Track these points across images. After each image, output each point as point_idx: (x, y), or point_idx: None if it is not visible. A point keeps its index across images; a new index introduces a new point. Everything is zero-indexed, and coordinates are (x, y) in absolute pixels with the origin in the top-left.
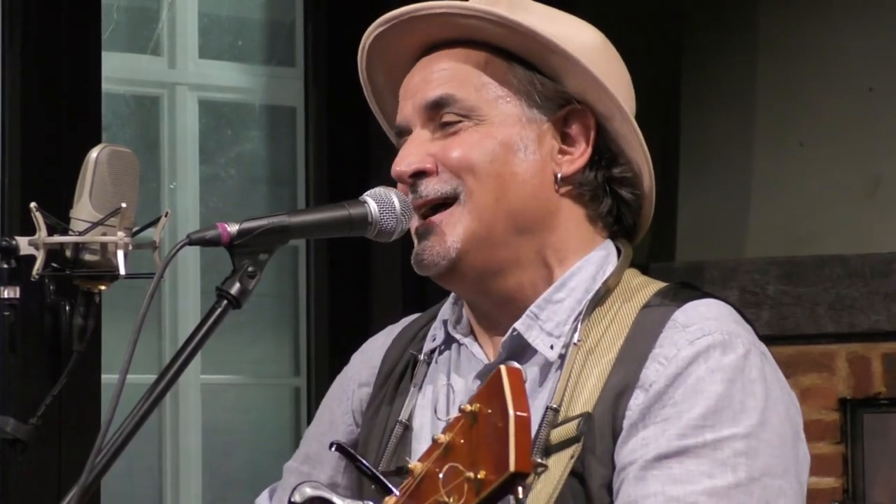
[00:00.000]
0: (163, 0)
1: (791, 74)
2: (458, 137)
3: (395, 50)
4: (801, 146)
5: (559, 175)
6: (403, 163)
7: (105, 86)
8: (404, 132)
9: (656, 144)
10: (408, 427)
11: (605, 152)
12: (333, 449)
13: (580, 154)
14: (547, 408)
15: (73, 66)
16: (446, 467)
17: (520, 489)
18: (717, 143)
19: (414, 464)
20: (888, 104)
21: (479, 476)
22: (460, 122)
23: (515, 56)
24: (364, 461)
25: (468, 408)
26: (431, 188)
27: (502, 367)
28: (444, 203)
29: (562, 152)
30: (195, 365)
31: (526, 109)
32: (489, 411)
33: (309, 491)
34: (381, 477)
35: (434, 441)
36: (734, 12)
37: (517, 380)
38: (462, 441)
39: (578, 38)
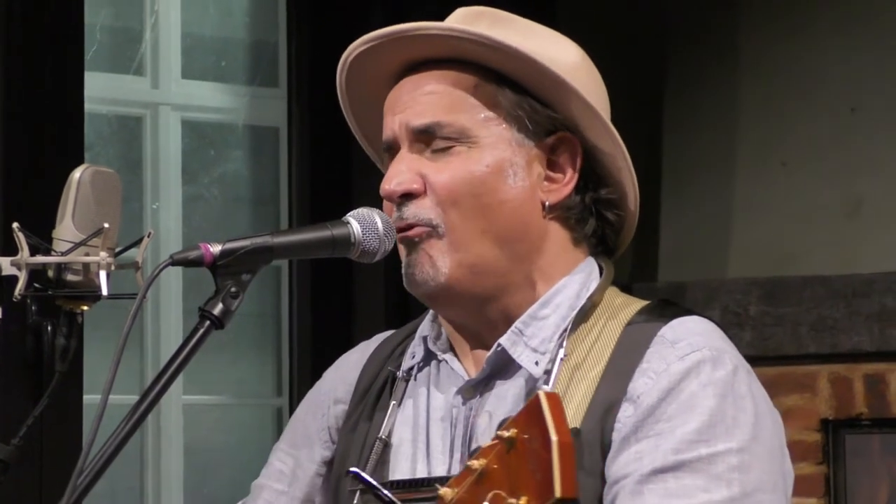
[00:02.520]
0: (146, 20)
1: (773, 95)
2: (449, 162)
3: (378, 65)
4: (783, 166)
5: (547, 204)
6: (393, 182)
7: (88, 106)
8: (393, 147)
9: (638, 165)
10: (387, 444)
11: (591, 175)
12: (347, 475)
13: (566, 182)
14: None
15: (56, 86)
16: (490, 494)
17: None
18: (699, 164)
19: (443, 490)
20: (870, 125)
21: (520, 502)
22: (451, 146)
23: (505, 78)
24: (384, 490)
25: (504, 434)
26: (412, 213)
27: (541, 393)
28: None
29: (549, 180)
30: (177, 385)
31: (515, 133)
32: (526, 436)
33: None
34: None
35: (466, 467)
36: (716, 32)
37: (557, 404)
38: (497, 467)
39: (563, 56)
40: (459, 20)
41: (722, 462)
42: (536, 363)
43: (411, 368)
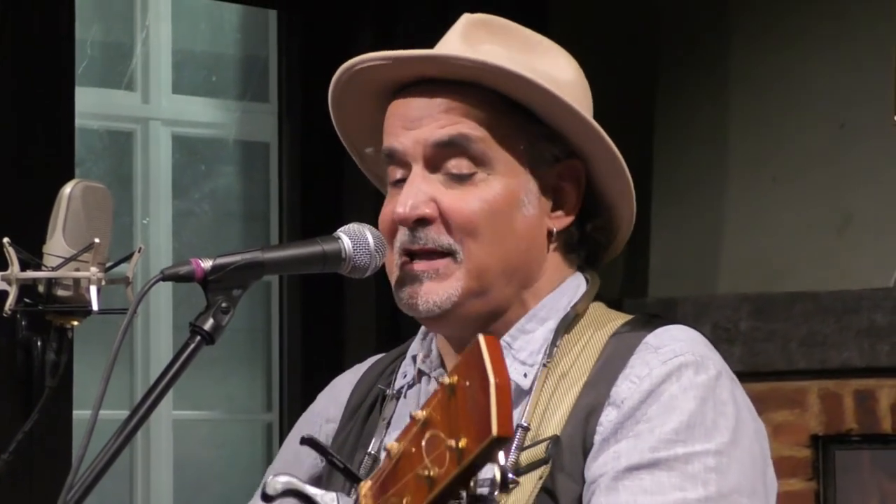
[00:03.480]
0: (137, 35)
1: (763, 110)
2: (466, 190)
3: (381, 78)
4: (773, 182)
5: (554, 231)
6: (407, 205)
7: (79, 121)
8: (395, 157)
9: None
10: (377, 459)
11: (589, 201)
12: (301, 443)
13: (571, 209)
14: (517, 426)
15: (47, 101)
16: (427, 435)
17: (500, 454)
18: (690, 180)
19: (390, 444)
20: (859, 140)
21: (459, 445)
22: (471, 173)
23: (516, 104)
24: (336, 455)
25: (445, 381)
26: (431, 238)
27: (480, 337)
28: (438, 252)
29: (555, 208)
30: (167, 400)
31: (528, 161)
32: (467, 383)
33: (280, 484)
34: (353, 470)
35: (411, 418)
36: (707, 48)
37: (496, 349)
38: (439, 415)
39: (562, 74)
40: (464, 31)
41: (698, 462)
42: (525, 375)
43: (402, 387)
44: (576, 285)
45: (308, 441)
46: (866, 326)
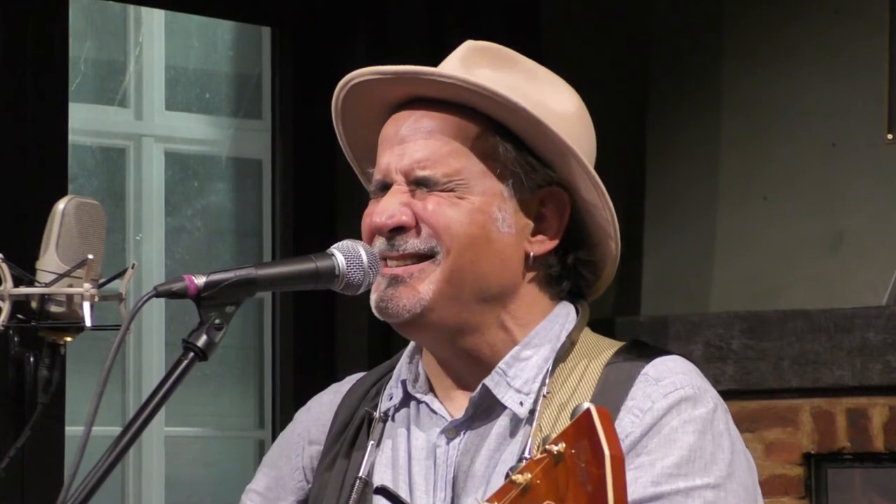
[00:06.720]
0: (130, 52)
1: (754, 129)
2: (439, 197)
3: (377, 94)
4: (764, 200)
5: (531, 255)
6: (384, 215)
7: (72, 137)
8: (387, 186)
9: (621, 199)
10: (368, 483)
11: (574, 233)
12: (375, 493)
13: (552, 236)
14: (521, 458)
15: (40, 118)
16: (530, 501)
17: None
18: (681, 198)
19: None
20: (851, 159)
21: None
22: (448, 191)
23: (506, 130)
24: None
25: (553, 448)
26: (410, 244)
27: (591, 408)
28: (417, 256)
29: (535, 232)
30: (159, 417)
31: (509, 187)
32: (574, 451)
33: None
34: None
35: (510, 481)
36: (698, 67)
37: (608, 420)
38: (541, 481)
39: (561, 106)
40: (464, 55)
41: (698, 496)
42: (521, 403)
43: (388, 409)
44: (566, 313)
45: (382, 491)
46: (858, 345)
